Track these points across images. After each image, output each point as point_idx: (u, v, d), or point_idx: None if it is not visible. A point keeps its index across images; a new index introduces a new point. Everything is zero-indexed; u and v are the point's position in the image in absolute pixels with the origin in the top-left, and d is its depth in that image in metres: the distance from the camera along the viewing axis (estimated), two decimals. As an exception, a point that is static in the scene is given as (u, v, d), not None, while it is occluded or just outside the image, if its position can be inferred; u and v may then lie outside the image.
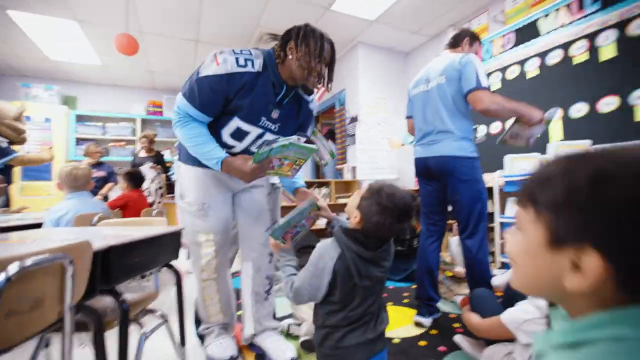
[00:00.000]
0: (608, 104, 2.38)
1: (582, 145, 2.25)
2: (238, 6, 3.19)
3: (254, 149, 1.26)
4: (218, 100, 1.11)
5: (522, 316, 1.02)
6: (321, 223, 3.66)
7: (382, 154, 4.05)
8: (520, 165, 2.63)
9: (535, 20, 2.84)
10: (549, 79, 2.74)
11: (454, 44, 1.86)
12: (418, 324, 1.70)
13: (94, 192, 3.44)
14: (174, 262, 1.21)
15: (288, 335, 1.56)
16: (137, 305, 1.13)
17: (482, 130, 1.64)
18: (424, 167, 1.78)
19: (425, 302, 1.74)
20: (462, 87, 1.63)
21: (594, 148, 0.37)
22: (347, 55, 4.24)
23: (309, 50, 1.09)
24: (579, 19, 2.56)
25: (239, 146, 1.24)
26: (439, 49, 3.83)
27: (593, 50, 2.46)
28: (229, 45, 3.93)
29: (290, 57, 1.12)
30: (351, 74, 4.19)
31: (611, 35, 2.36)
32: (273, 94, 1.17)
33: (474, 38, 1.86)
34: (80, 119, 4.93)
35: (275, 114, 1.21)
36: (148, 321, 1.18)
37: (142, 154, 3.99)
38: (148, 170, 3.74)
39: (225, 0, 3.09)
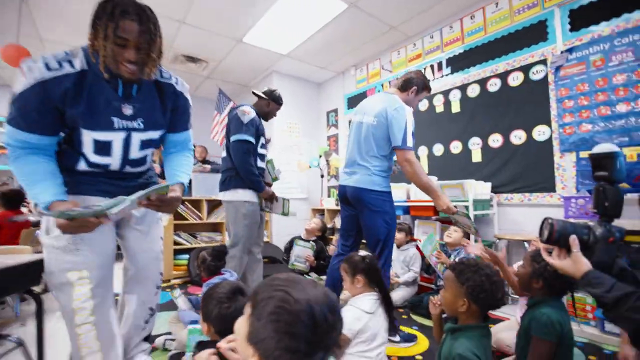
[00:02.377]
0: (455, 147, 3.06)
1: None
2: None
3: (133, 155, 1.16)
4: (44, 112, 0.98)
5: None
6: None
7: (293, 174, 4.40)
8: (395, 193, 3.18)
9: (412, 73, 3.48)
10: (418, 123, 3.36)
11: (403, 87, 1.92)
12: None
13: None
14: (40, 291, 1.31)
15: (164, 349, 1.74)
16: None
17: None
18: (342, 194, 1.98)
19: None
20: (389, 136, 1.77)
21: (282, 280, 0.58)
22: (263, 82, 4.54)
23: (99, 34, 0.95)
24: (438, 77, 3.24)
25: (114, 161, 1.13)
26: (346, 82, 4.36)
27: (447, 103, 3.14)
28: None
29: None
30: (267, 98, 4.49)
31: (457, 94, 3.06)
32: (111, 89, 1.04)
33: (423, 88, 1.92)
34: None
35: (127, 110, 1.09)
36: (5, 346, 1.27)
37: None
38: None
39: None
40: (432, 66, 3.29)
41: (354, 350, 1.26)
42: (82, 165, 1.13)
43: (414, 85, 1.91)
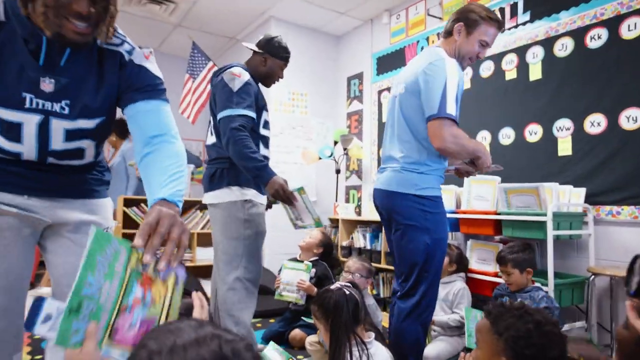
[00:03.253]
0: (533, 132, 2.85)
1: (492, 182, 2.68)
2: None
3: (56, 147, 1.17)
4: None
5: None
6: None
7: (296, 169, 4.32)
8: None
9: (472, 21, 3.28)
10: (481, 94, 3.20)
11: (446, 32, 1.82)
12: None
13: None
14: None
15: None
16: None
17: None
18: (375, 203, 1.93)
19: None
20: (423, 107, 1.69)
21: None
22: (257, 33, 4.42)
23: None
24: (510, 28, 3.04)
25: (26, 150, 1.15)
26: (376, 35, 4.24)
27: (523, 67, 2.94)
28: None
29: None
30: (261, 57, 4.42)
31: (539, 52, 2.84)
32: (28, 52, 1.05)
33: (476, 21, 1.73)
34: None
35: (47, 86, 1.08)
36: None
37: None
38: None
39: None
40: (501, 10, 3.11)
41: None
42: None
43: (458, 20, 1.76)
